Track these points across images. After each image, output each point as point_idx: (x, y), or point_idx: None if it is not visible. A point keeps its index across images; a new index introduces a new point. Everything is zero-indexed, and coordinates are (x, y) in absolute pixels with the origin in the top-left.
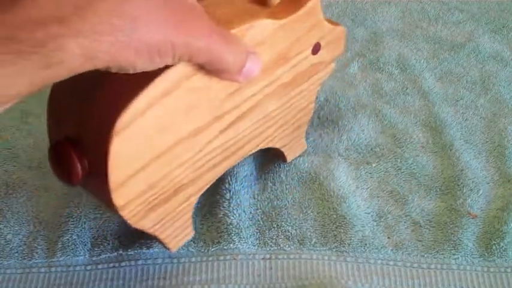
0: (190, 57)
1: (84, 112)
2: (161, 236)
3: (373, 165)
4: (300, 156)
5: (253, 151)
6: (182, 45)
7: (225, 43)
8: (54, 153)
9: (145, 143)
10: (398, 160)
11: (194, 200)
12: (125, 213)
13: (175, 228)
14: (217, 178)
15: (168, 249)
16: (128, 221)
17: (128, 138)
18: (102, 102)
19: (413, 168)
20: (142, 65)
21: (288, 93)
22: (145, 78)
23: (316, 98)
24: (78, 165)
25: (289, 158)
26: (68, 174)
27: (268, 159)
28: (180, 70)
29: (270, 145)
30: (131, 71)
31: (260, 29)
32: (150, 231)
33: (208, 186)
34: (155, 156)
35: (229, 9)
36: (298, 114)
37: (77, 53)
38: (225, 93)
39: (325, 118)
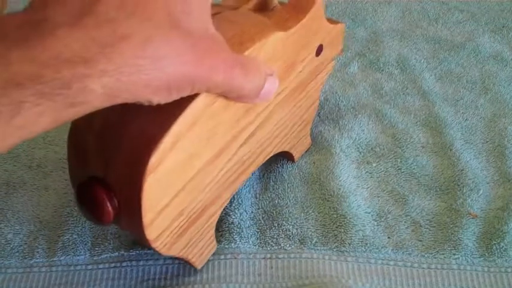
0: (209, 89)
1: (111, 151)
2: (188, 257)
3: (374, 164)
4: (301, 156)
5: (267, 158)
6: (202, 81)
7: (245, 73)
8: (82, 194)
9: (174, 176)
10: (399, 160)
11: (217, 216)
12: (157, 245)
13: (201, 246)
14: (235, 192)
15: (194, 268)
16: (159, 251)
17: (160, 176)
18: (129, 140)
19: (413, 168)
20: (159, 99)
21: (296, 97)
22: (170, 112)
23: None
24: (109, 206)
25: (296, 157)
26: (98, 215)
27: (270, 158)
28: (203, 100)
29: (281, 149)
30: (145, 104)
31: (272, 44)
32: (179, 255)
33: (228, 201)
34: (183, 186)
35: (237, 26)
36: (304, 115)
37: (100, 93)
38: (242, 111)
39: (325, 117)
